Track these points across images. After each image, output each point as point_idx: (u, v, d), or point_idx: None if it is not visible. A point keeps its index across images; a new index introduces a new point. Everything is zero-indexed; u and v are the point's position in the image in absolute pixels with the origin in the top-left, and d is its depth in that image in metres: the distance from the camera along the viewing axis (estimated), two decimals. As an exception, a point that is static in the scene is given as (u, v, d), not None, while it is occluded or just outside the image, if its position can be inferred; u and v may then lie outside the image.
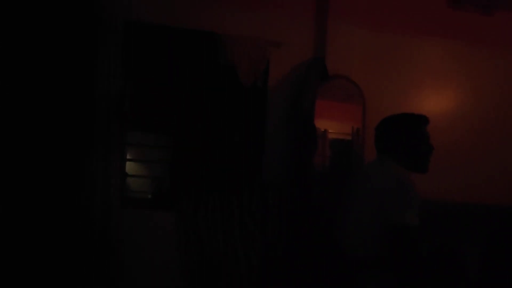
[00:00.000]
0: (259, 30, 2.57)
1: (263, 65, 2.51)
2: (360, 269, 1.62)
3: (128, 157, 2.63)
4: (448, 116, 2.85)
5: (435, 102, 2.86)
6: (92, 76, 2.17)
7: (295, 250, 1.73)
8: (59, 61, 2.17)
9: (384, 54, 2.77)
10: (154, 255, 2.17)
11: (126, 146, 2.53)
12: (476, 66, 2.92)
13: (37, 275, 2.00)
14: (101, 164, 2.16)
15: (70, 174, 2.18)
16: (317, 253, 1.81)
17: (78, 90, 2.19)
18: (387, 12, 2.79)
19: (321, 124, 2.74)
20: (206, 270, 1.67)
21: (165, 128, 2.46)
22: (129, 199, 2.53)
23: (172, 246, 1.82)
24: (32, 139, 2.14)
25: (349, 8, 2.71)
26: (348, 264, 1.65)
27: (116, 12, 2.14)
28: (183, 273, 1.69)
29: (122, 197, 2.36)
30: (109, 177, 2.15)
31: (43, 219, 2.10)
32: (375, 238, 1.60)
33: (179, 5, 2.45)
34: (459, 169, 2.75)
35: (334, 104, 2.84)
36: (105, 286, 2.05)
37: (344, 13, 2.69)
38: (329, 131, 2.78)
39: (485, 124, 2.89)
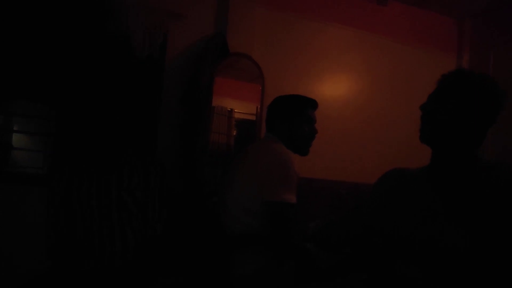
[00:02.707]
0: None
1: (160, 37, 2.39)
2: (239, 246, 1.63)
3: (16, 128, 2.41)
4: (343, 100, 2.99)
5: (332, 85, 2.97)
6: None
7: (176, 230, 1.69)
8: None
9: (285, 35, 2.80)
10: (25, 233, 2.02)
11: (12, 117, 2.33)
12: (372, 53, 3.07)
13: None
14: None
15: None
16: (198, 231, 1.80)
17: None
18: (289, -7, 2.81)
19: (226, 103, 2.72)
20: (77, 250, 1.57)
21: (49, 98, 2.24)
22: (10, 174, 2.32)
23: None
24: None
25: (252, -15, 2.68)
26: (228, 242, 1.66)
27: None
28: (50, 252, 1.58)
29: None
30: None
31: None
32: (253, 215, 1.62)
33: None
34: (349, 151, 2.92)
35: (238, 83, 2.83)
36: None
37: (247, -10, 2.66)
38: (236, 110, 2.77)
39: (378, 110, 3.06)
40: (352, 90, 3.01)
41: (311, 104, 1.88)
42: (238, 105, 2.78)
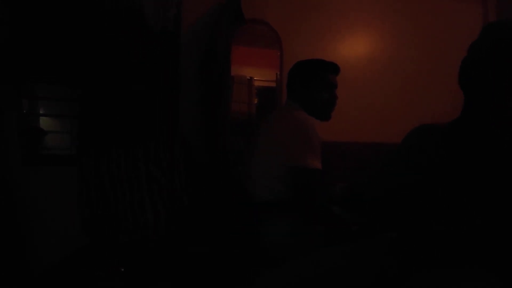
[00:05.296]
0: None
1: (174, 8, 2.35)
2: (266, 212, 1.65)
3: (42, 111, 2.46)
4: (366, 60, 2.89)
5: (353, 46, 2.88)
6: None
7: (203, 199, 1.72)
8: None
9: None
10: (58, 212, 2.10)
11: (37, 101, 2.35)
12: (393, 8, 2.92)
13: None
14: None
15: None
16: (224, 200, 1.83)
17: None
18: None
19: (245, 71, 2.69)
20: (110, 224, 1.63)
21: (70, 79, 2.26)
22: (41, 156, 2.39)
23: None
24: None
25: None
26: (255, 208, 1.68)
27: None
28: (85, 228, 1.64)
29: (28, 154, 2.23)
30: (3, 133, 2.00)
31: None
32: (278, 181, 1.62)
33: None
34: (373, 112, 2.85)
35: (256, 50, 2.78)
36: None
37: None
38: (255, 78, 2.73)
39: (400, 67, 2.94)
40: (374, 48, 2.90)
41: (332, 68, 1.83)
42: (257, 72, 2.74)
